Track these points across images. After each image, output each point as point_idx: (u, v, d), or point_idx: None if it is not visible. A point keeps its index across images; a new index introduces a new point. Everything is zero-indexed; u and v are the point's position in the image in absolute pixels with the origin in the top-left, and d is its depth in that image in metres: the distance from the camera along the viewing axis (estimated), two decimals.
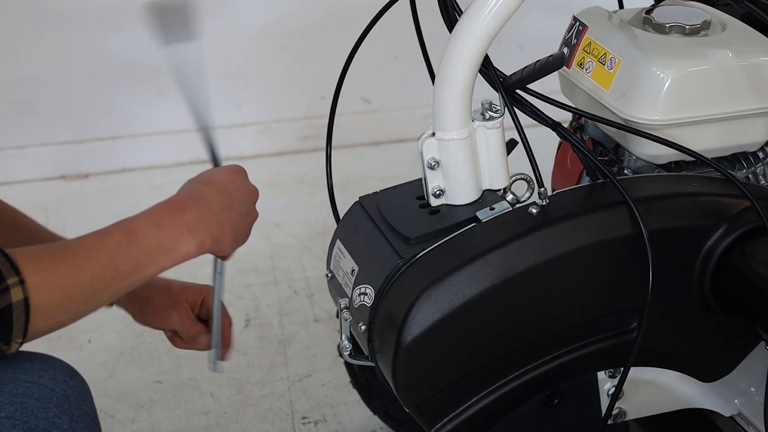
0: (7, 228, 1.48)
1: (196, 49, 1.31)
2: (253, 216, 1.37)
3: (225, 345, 1.53)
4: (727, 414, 1.61)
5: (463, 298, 1.36)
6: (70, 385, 1.20)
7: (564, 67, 1.63)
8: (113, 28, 2.87)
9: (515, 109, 1.46)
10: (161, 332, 1.54)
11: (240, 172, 1.37)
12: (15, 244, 1.25)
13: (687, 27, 1.57)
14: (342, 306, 1.46)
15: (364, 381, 1.85)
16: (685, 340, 1.50)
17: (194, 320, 1.53)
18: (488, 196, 1.48)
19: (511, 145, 1.51)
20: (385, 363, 1.41)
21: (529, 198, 1.49)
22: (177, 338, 1.55)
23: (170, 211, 1.26)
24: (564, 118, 1.54)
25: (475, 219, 1.44)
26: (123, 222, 1.23)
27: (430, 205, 1.48)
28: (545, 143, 1.70)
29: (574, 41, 1.63)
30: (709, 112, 1.53)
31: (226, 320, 1.55)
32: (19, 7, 2.80)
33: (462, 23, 1.40)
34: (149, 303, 1.53)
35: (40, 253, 1.17)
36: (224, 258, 1.38)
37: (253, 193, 1.36)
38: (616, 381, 1.50)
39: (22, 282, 1.12)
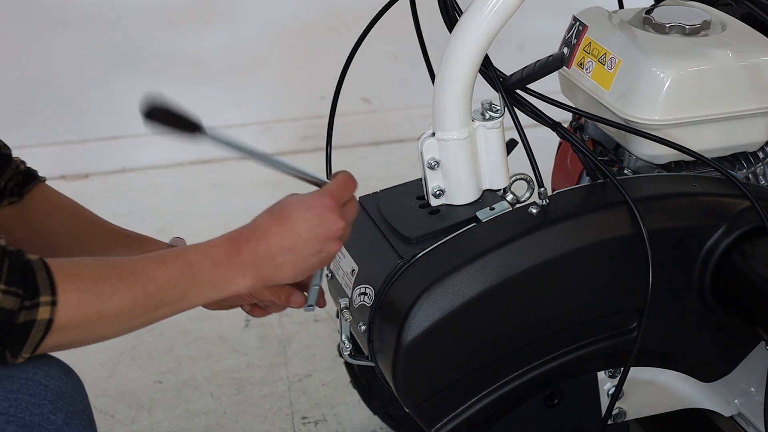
0: (66, 219, 1.48)
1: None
2: (332, 251, 1.29)
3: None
4: (727, 414, 1.61)
5: (463, 298, 1.36)
6: (64, 382, 1.20)
7: (564, 67, 1.63)
8: (113, 28, 2.87)
9: (515, 109, 1.46)
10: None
11: (325, 206, 1.28)
12: (75, 235, 1.25)
13: (687, 27, 1.57)
14: (342, 306, 1.46)
15: (364, 381, 1.85)
16: (685, 340, 1.50)
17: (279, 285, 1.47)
18: (488, 196, 1.48)
19: (511, 145, 1.51)
20: (385, 363, 1.41)
21: (529, 198, 1.49)
22: (256, 308, 1.50)
23: (228, 250, 1.24)
24: (564, 118, 1.54)
25: (475, 219, 1.44)
26: (181, 253, 1.23)
27: (430, 205, 1.48)
28: (545, 143, 1.70)
29: (574, 41, 1.63)
30: (709, 112, 1.53)
31: None
32: (19, 7, 2.80)
33: (462, 23, 1.40)
34: None
35: (85, 272, 1.16)
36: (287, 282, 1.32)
37: (334, 230, 1.28)
38: (616, 381, 1.50)
39: (53, 303, 1.12)
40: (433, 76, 1.55)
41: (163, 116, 1.23)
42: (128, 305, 1.18)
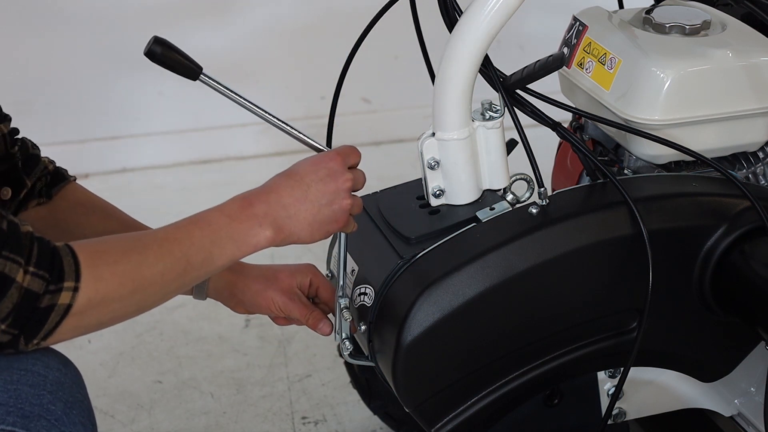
0: (98, 220, 1.50)
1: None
2: (343, 204, 1.33)
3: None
4: (727, 414, 1.61)
5: (463, 298, 1.36)
6: (63, 373, 1.20)
7: (564, 67, 1.63)
8: (114, 28, 2.87)
9: (515, 109, 1.46)
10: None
11: (332, 160, 1.34)
12: (106, 233, 1.28)
13: (687, 27, 1.57)
14: (342, 306, 1.46)
15: (364, 381, 1.85)
16: (685, 340, 1.50)
17: (311, 306, 1.53)
18: (488, 196, 1.48)
19: (511, 145, 1.51)
20: (385, 363, 1.41)
21: (529, 198, 1.49)
22: (281, 319, 1.55)
23: (241, 204, 1.29)
24: (564, 118, 1.54)
25: (475, 219, 1.44)
26: (198, 216, 1.27)
27: (430, 205, 1.48)
28: (545, 143, 1.70)
29: (574, 41, 1.63)
30: (709, 112, 1.53)
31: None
32: (19, 7, 2.80)
33: (462, 23, 1.40)
34: (251, 291, 1.53)
35: (112, 247, 1.19)
36: (306, 242, 1.36)
37: (342, 182, 1.33)
38: (616, 381, 1.50)
39: (76, 290, 1.14)
40: (433, 76, 1.55)
41: (165, 55, 1.28)
42: (159, 271, 1.20)
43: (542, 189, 1.44)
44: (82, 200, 1.51)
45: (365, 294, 1.44)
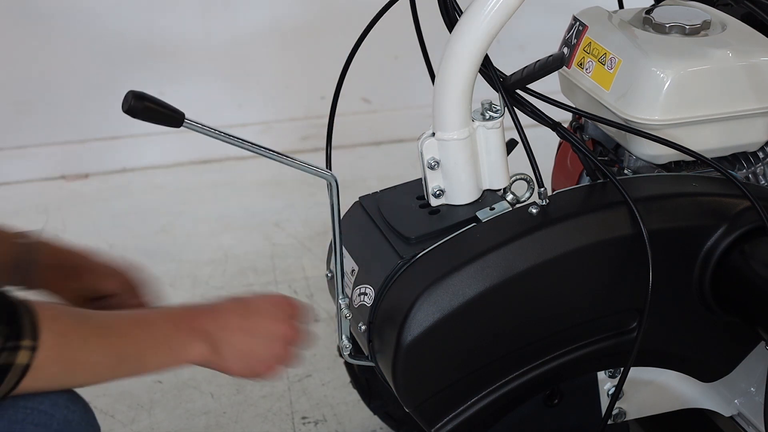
0: None
1: None
2: (277, 350, 1.33)
3: None
4: (727, 414, 1.61)
5: (463, 298, 1.36)
6: (71, 410, 1.19)
7: (564, 67, 1.63)
8: (114, 28, 2.87)
9: (515, 109, 1.46)
10: None
11: (285, 306, 1.35)
12: None
13: (687, 27, 1.57)
14: (342, 306, 1.46)
15: (364, 381, 1.85)
16: (685, 340, 1.50)
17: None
18: (488, 196, 1.48)
19: (511, 145, 1.51)
20: (385, 363, 1.41)
21: (529, 198, 1.49)
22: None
23: (187, 315, 1.29)
24: (564, 118, 1.54)
25: (475, 219, 1.44)
26: (144, 312, 1.28)
27: (430, 205, 1.48)
28: (545, 143, 1.70)
29: (574, 41, 1.63)
30: (709, 112, 1.53)
31: None
32: (20, 7, 2.80)
33: (462, 23, 1.40)
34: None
35: (64, 316, 1.18)
36: (233, 373, 1.35)
37: (287, 330, 1.34)
38: (616, 381, 1.50)
39: (34, 349, 1.12)
40: (433, 76, 1.55)
41: (145, 109, 1.28)
42: (94, 359, 1.19)
43: (542, 189, 1.44)
44: None
45: (365, 294, 1.44)
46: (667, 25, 1.58)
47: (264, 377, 1.35)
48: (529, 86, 1.46)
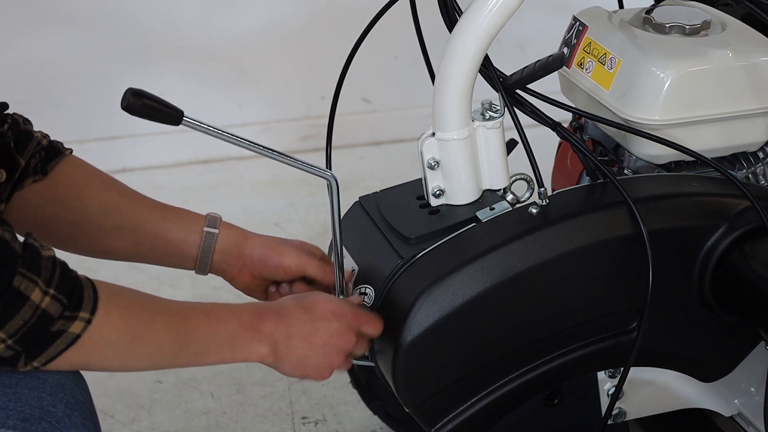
0: (98, 192, 1.50)
1: None
2: (333, 360, 1.35)
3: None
4: (727, 414, 1.61)
5: (463, 298, 1.36)
6: (64, 375, 1.20)
7: (564, 67, 1.63)
8: (114, 28, 2.87)
9: (515, 109, 1.46)
10: None
11: (351, 317, 1.36)
12: (108, 209, 1.39)
13: (687, 27, 1.57)
14: None
15: (364, 381, 1.85)
16: (685, 340, 1.50)
17: (328, 260, 1.51)
18: (488, 196, 1.48)
19: (511, 145, 1.51)
20: (385, 363, 1.41)
21: (529, 198, 1.49)
22: (276, 293, 1.51)
23: (253, 315, 1.30)
24: (564, 118, 1.54)
25: (475, 219, 1.44)
26: (213, 306, 1.28)
27: (430, 205, 1.48)
28: (545, 143, 1.70)
29: (574, 41, 1.63)
30: (709, 112, 1.53)
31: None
32: (19, 7, 2.80)
33: (462, 23, 1.40)
34: (260, 246, 1.49)
35: (129, 295, 1.21)
36: (286, 374, 1.37)
37: (346, 341, 1.35)
38: (616, 381, 1.50)
39: (89, 321, 1.14)
40: (433, 76, 1.55)
41: (143, 107, 1.28)
42: (159, 337, 1.21)
43: (542, 189, 1.44)
44: (80, 173, 1.48)
45: (365, 294, 1.44)
46: (667, 25, 1.58)
47: (316, 380, 1.38)
48: (529, 86, 1.46)
